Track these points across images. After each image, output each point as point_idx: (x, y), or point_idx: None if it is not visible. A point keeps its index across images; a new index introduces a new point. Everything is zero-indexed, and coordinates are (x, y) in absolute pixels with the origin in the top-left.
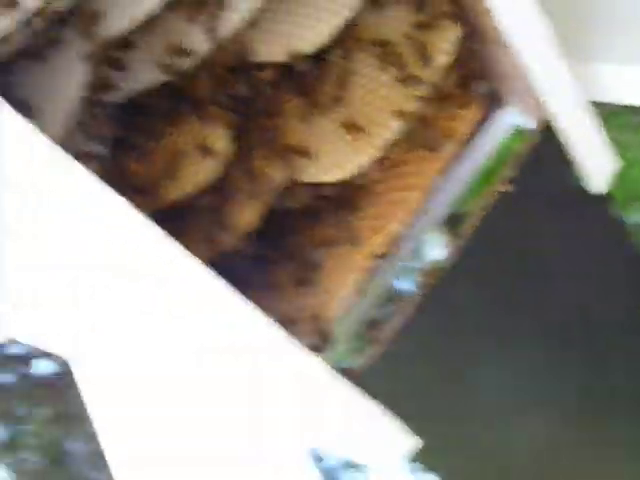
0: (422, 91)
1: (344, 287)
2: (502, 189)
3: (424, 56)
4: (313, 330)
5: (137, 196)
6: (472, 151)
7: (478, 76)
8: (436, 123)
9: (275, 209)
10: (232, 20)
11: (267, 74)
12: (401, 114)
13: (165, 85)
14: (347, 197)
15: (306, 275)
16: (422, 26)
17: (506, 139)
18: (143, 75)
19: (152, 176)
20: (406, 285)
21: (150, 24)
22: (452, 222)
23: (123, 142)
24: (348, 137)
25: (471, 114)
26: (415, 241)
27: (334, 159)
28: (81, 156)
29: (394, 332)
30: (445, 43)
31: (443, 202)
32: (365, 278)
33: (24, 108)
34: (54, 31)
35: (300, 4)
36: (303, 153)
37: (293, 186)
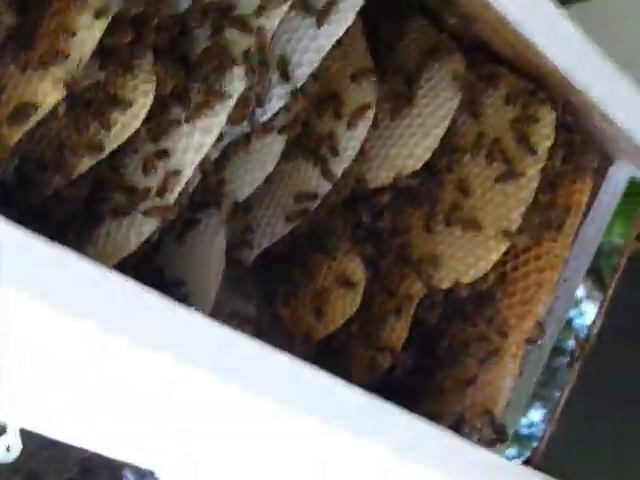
0: (534, 180)
1: (505, 377)
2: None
3: (528, 147)
4: (488, 426)
5: (288, 340)
6: (595, 213)
7: (581, 146)
8: (554, 202)
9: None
10: (345, 159)
11: (384, 197)
12: (519, 204)
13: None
14: (484, 292)
15: (466, 375)
16: (517, 118)
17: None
18: (273, 229)
19: (299, 318)
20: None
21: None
22: (593, 284)
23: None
24: (475, 236)
25: (586, 184)
26: (560, 318)
27: (467, 260)
28: (235, 317)
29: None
30: (544, 128)
31: (578, 269)
32: (520, 364)
33: (179, 285)
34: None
35: (400, 125)
36: (436, 262)
37: (431, 293)
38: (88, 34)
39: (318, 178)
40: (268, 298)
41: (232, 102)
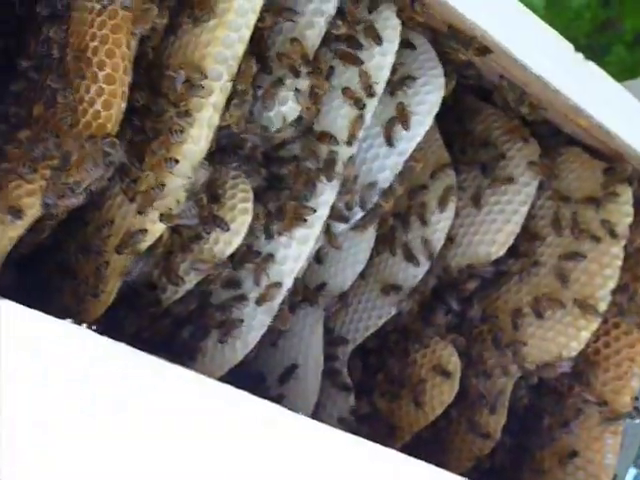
0: (618, 258)
1: (606, 454)
2: None
3: (609, 226)
4: None
5: (387, 430)
6: None
7: None
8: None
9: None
10: (436, 241)
11: (471, 285)
12: (605, 282)
13: None
14: (577, 370)
15: (566, 453)
16: (596, 197)
17: None
18: (367, 323)
19: (398, 408)
20: None
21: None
22: None
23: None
24: (564, 316)
25: None
26: None
27: (559, 341)
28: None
29: None
30: (624, 205)
31: None
32: (619, 437)
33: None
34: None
35: (480, 212)
36: (528, 344)
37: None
38: (189, 163)
39: (405, 270)
40: (365, 389)
41: (325, 213)
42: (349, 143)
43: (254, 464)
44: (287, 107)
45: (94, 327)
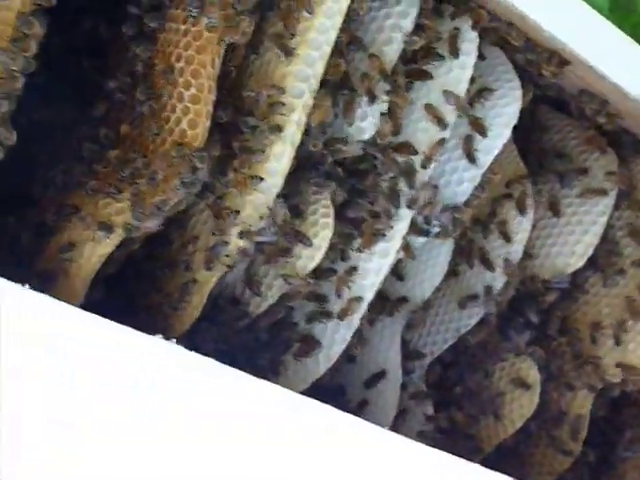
0: None
1: None
2: None
3: None
4: None
5: (466, 443)
6: None
7: None
8: None
9: None
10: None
11: (550, 297)
12: None
13: None
14: None
15: None
16: None
17: None
18: (444, 336)
19: (476, 422)
20: None
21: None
22: None
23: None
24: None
25: None
26: None
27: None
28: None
29: None
30: None
31: None
32: None
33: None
34: None
35: (558, 224)
36: (610, 356)
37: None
38: (274, 181)
39: (483, 281)
40: (443, 403)
41: (405, 227)
42: (429, 159)
43: (334, 476)
44: (367, 123)
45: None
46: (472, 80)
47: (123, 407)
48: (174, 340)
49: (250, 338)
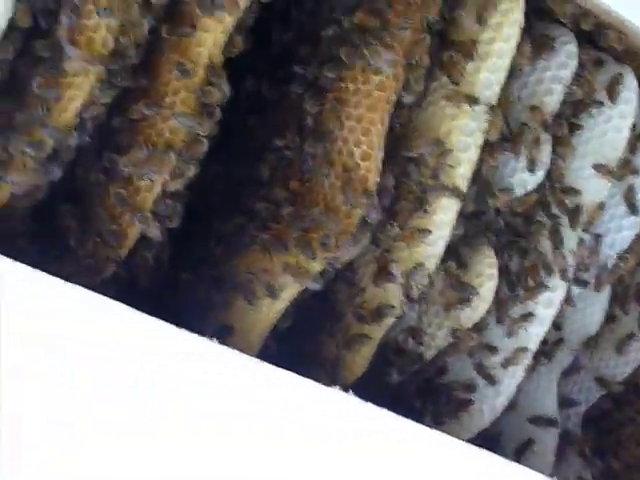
0: None
1: None
2: None
3: None
4: None
5: None
6: None
7: None
8: None
9: None
10: None
11: None
12: None
13: None
14: None
15: None
16: None
17: None
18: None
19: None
20: None
21: None
22: None
23: None
24: None
25: None
26: None
27: None
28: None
29: None
30: None
31: None
32: None
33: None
34: None
35: None
36: None
37: None
38: (441, 233)
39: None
40: (599, 451)
41: (568, 277)
42: (600, 207)
43: None
44: (528, 174)
45: None
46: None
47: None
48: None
49: (412, 388)
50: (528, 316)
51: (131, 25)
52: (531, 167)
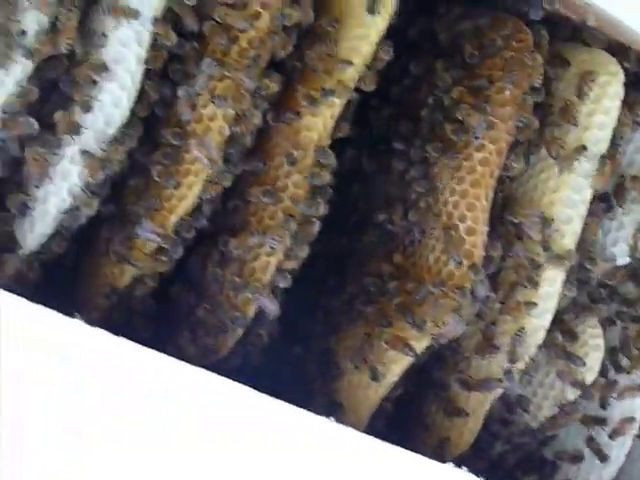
0: None
1: None
2: None
3: None
4: None
5: None
6: None
7: None
8: None
9: None
10: None
11: None
12: None
13: None
14: None
15: None
16: None
17: None
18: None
19: None
20: None
21: None
22: None
23: None
24: None
25: None
26: None
27: None
28: None
29: None
30: None
31: None
32: None
33: None
34: None
35: None
36: None
37: None
38: (547, 306)
39: None
40: None
41: None
42: None
43: None
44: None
45: None
46: None
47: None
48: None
49: (513, 458)
50: (634, 387)
51: (244, 113)
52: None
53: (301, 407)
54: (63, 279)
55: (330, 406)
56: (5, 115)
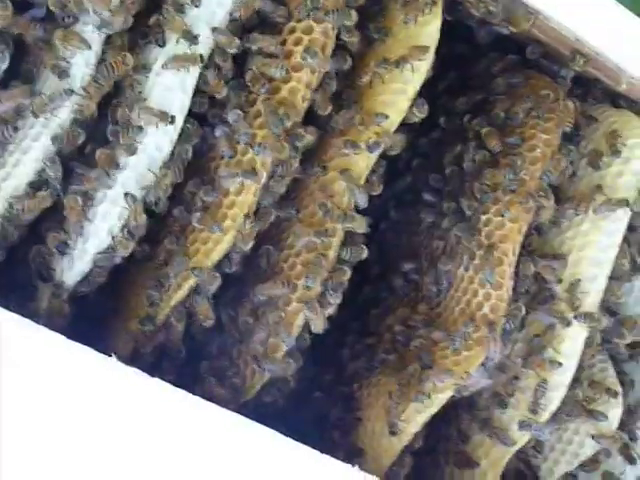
0: None
1: None
2: None
3: None
4: None
5: None
6: None
7: None
8: None
9: None
10: None
11: None
12: None
13: None
14: None
15: None
16: None
17: None
18: None
19: None
20: None
21: None
22: None
23: None
24: None
25: None
26: None
27: None
28: None
29: None
30: None
31: None
32: None
33: None
34: None
35: None
36: None
37: None
38: (570, 363)
39: None
40: None
41: None
42: None
43: None
44: None
45: None
46: None
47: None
48: None
49: None
50: None
51: (281, 162)
52: None
53: (323, 452)
54: (94, 314)
55: (351, 451)
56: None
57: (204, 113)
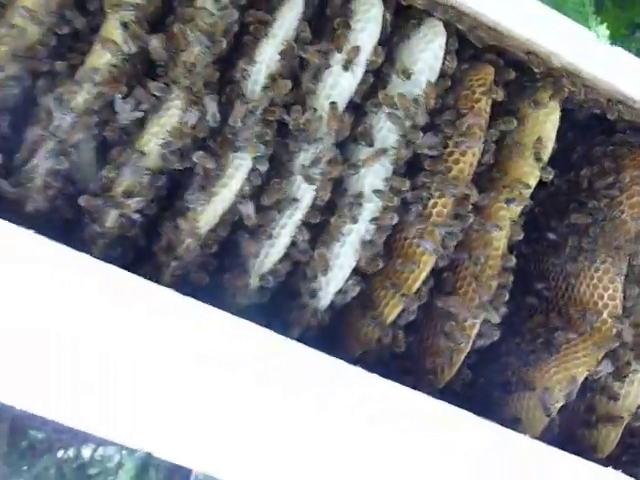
0: None
1: None
2: None
3: None
4: None
5: None
6: None
7: None
8: None
9: None
10: None
11: None
12: None
13: None
14: None
15: None
16: None
17: None
18: None
19: None
20: None
21: None
22: None
23: None
24: None
25: None
26: None
27: None
28: None
29: None
30: None
31: None
32: None
33: None
34: None
35: None
36: None
37: None
38: None
39: None
40: None
41: None
42: None
43: None
44: None
45: None
46: None
47: None
48: None
49: None
50: None
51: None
52: None
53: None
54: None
55: (511, 421)
56: None
57: None
